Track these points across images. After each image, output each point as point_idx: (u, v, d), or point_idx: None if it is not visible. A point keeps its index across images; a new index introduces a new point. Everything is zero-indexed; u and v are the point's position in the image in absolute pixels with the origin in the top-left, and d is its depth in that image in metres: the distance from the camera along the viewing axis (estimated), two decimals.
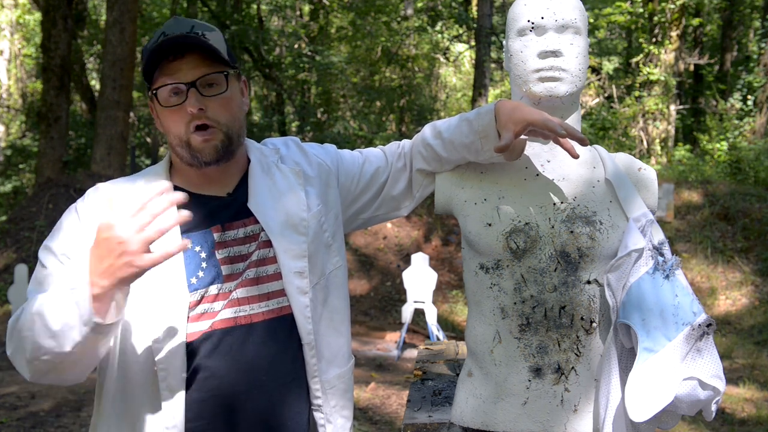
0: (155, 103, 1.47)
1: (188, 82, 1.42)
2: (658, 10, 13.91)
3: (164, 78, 1.43)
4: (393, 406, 5.27)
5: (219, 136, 1.45)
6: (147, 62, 1.42)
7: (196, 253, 1.45)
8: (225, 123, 1.46)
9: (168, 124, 1.46)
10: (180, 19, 1.46)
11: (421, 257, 7.64)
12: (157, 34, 1.44)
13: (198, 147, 1.44)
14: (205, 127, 1.44)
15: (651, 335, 1.37)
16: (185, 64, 1.43)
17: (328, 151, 1.70)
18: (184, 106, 1.42)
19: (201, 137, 1.44)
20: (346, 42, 17.43)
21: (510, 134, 1.41)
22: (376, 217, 1.73)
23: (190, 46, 1.43)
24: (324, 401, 1.54)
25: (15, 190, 16.07)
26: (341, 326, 1.60)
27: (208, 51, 1.44)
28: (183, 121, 1.44)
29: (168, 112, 1.45)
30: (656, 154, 13.86)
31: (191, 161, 1.46)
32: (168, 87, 1.43)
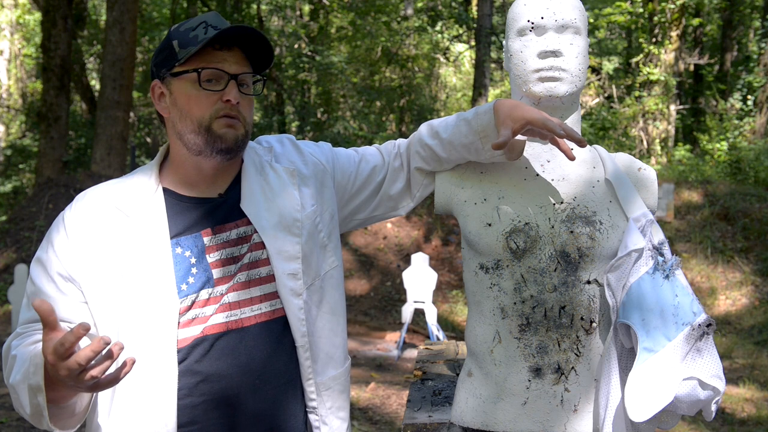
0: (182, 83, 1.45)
1: (233, 74, 1.45)
2: (658, 10, 13.91)
3: (209, 62, 1.44)
4: (393, 406, 5.27)
5: (242, 129, 1.47)
6: (202, 43, 1.41)
7: (185, 258, 1.44)
8: (248, 121, 1.49)
9: (191, 106, 1.45)
10: (220, 17, 1.49)
11: (421, 257, 7.64)
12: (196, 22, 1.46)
13: (220, 132, 1.44)
14: (234, 118, 1.46)
15: (651, 335, 1.37)
16: (231, 56, 1.46)
17: (324, 149, 1.68)
18: (222, 93, 1.44)
19: (225, 123, 1.44)
20: (346, 42, 17.43)
21: (508, 131, 1.41)
22: (374, 217, 1.72)
23: (244, 42, 1.47)
24: (319, 403, 1.53)
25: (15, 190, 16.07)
26: (337, 327, 1.59)
27: (258, 49, 1.49)
28: (211, 106, 1.44)
29: (199, 95, 1.44)
30: (656, 154, 13.86)
31: (204, 147, 1.45)
32: (211, 70, 1.43)
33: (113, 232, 1.43)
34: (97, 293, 1.41)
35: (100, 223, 1.44)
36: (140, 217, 1.44)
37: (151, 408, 1.39)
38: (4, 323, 7.96)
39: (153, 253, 1.41)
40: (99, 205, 1.46)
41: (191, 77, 1.44)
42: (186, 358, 1.41)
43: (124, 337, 1.39)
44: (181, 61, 1.43)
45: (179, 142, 1.48)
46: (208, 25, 1.44)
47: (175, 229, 1.45)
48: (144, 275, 1.40)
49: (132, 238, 1.42)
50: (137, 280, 1.40)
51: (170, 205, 1.47)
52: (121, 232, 1.43)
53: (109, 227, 1.43)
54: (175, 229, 1.45)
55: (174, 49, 1.45)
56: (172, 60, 1.45)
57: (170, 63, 1.46)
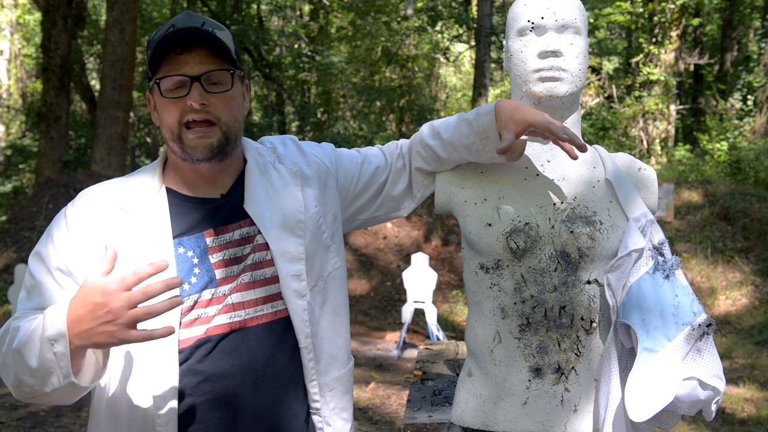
0: (155, 93, 1.44)
1: (194, 76, 1.40)
2: (658, 10, 13.90)
3: (170, 69, 1.41)
4: (393, 406, 5.27)
5: (217, 135, 1.43)
6: (154, 52, 1.40)
7: (188, 258, 1.44)
8: (225, 121, 1.44)
9: (164, 115, 1.44)
10: (192, 14, 1.45)
11: (421, 257, 7.63)
12: (166, 26, 1.42)
13: (191, 144, 1.42)
14: (206, 123, 1.42)
15: (651, 335, 1.37)
16: (193, 57, 1.41)
17: (327, 150, 1.68)
18: (186, 99, 1.40)
19: (195, 135, 1.42)
20: (346, 42, 17.42)
21: (511, 135, 1.41)
22: (376, 217, 1.71)
23: (199, 40, 1.41)
24: (322, 404, 1.53)
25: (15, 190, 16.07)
26: (340, 328, 1.59)
27: (217, 47, 1.43)
28: (179, 113, 1.42)
29: (167, 103, 1.42)
30: (656, 154, 13.86)
31: (184, 157, 1.45)
32: (172, 78, 1.41)
33: (116, 230, 1.43)
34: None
35: (103, 221, 1.43)
36: (143, 217, 1.44)
37: (151, 407, 1.38)
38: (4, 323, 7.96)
39: (155, 253, 1.41)
40: (102, 203, 1.46)
41: (157, 87, 1.43)
42: (189, 358, 1.41)
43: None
44: (152, 70, 1.43)
45: (168, 148, 1.49)
46: (174, 27, 1.41)
47: (177, 229, 1.45)
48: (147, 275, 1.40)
49: (134, 237, 1.42)
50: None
51: (173, 205, 1.47)
52: (123, 231, 1.43)
53: (112, 225, 1.43)
54: (178, 229, 1.45)
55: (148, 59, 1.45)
56: (149, 70, 1.45)
57: (149, 74, 1.46)
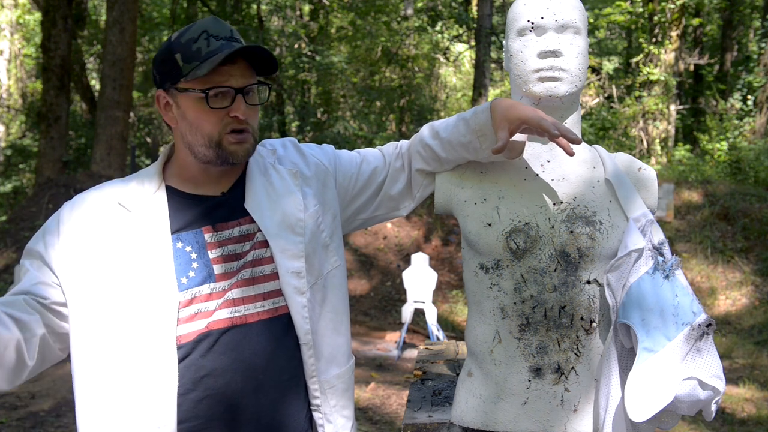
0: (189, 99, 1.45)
1: (239, 88, 1.45)
2: (658, 10, 13.91)
3: (215, 79, 1.43)
4: (393, 406, 5.27)
5: (251, 141, 1.49)
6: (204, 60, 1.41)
7: (186, 252, 1.45)
8: (256, 129, 1.51)
9: (201, 122, 1.45)
10: (219, 21, 1.48)
11: (421, 257, 7.63)
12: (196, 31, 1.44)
13: (231, 149, 1.46)
14: (244, 131, 1.47)
15: (651, 335, 1.37)
16: (237, 69, 1.45)
17: (326, 151, 1.70)
18: (228, 109, 1.44)
19: (235, 140, 1.46)
20: (346, 42, 17.43)
21: (505, 133, 1.42)
22: (375, 217, 1.73)
23: (249, 54, 1.46)
24: (323, 401, 1.54)
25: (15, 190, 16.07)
26: (340, 326, 1.60)
27: (261, 62, 1.49)
28: (219, 122, 1.45)
29: (207, 112, 1.44)
30: (656, 154, 13.86)
31: (215, 160, 1.47)
32: (219, 89, 1.43)
33: (114, 227, 1.44)
34: (89, 289, 1.41)
35: (100, 219, 1.45)
36: (142, 213, 1.45)
37: (149, 401, 1.38)
38: None
39: (153, 247, 1.42)
40: (100, 202, 1.47)
41: (198, 96, 1.44)
42: (190, 353, 1.42)
43: (123, 328, 1.39)
44: (188, 78, 1.43)
45: (187, 150, 1.49)
46: (210, 35, 1.43)
47: (176, 224, 1.47)
48: (144, 268, 1.41)
49: (133, 233, 1.43)
50: (137, 273, 1.41)
51: (172, 201, 1.49)
52: (122, 227, 1.44)
53: (110, 222, 1.44)
54: (176, 225, 1.47)
55: (177, 63, 1.44)
56: (177, 75, 1.45)
57: (175, 77, 1.45)
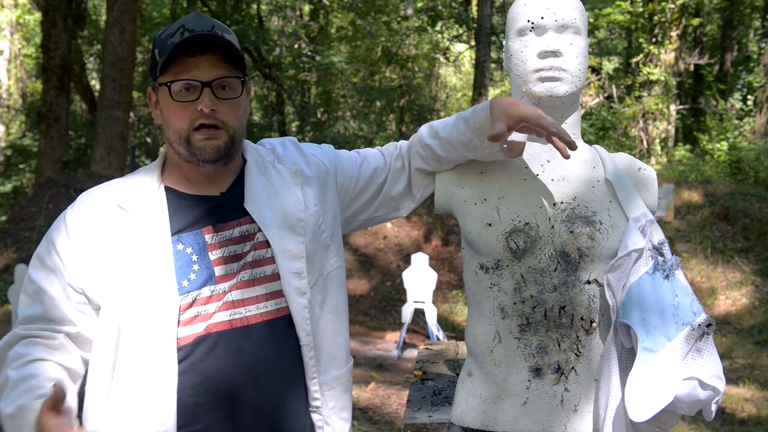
0: (163, 94, 1.45)
1: (205, 81, 1.42)
2: (658, 10, 13.90)
3: (180, 72, 1.42)
4: (393, 406, 5.27)
5: (224, 138, 1.45)
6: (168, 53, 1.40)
7: (186, 254, 1.44)
8: (232, 126, 1.46)
9: (171, 118, 1.45)
10: (201, 16, 1.46)
11: (421, 257, 7.63)
12: (175, 26, 1.43)
13: (199, 145, 1.43)
14: (213, 127, 1.44)
15: (651, 335, 1.37)
16: (204, 62, 1.42)
17: (326, 151, 1.69)
18: (196, 103, 1.42)
19: (203, 136, 1.43)
20: (346, 42, 17.42)
21: (503, 125, 1.42)
22: (376, 218, 1.72)
23: (213, 45, 1.43)
24: (322, 403, 1.53)
25: (15, 190, 16.07)
26: (340, 327, 1.59)
27: (228, 52, 1.44)
28: (188, 117, 1.43)
29: (175, 107, 1.43)
30: (656, 154, 13.85)
31: (189, 158, 1.46)
32: (182, 82, 1.41)
33: (115, 229, 1.43)
34: (101, 292, 1.42)
35: (102, 222, 1.44)
36: (142, 215, 1.45)
37: (150, 404, 1.38)
38: (4, 323, 7.96)
39: (154, 250, 1.41)
40: (101, 204, 1.46)
41: (166, 90, 1.43)
42: (189, 355, 1.41)
43: (123, 332, 1.39)
44: (160, 70, 1.43)
45: (171, 148, 1.49)
46: (186, 29, 1.41)
47: (176, 225, 1.46)
48: (145, 271, 1.40)
49: (133, 235, 1.43)
50: (138, 276, 1.40)
51: (172, 202, 1.48)
52: (122, 230, 1.43)
53: (111, 225, 1.44)
54: (177, 226, 1.46)
55: (155, 58, 1.45)
56: (155, 69, 1.45)
57: (154, 72, 1.46)
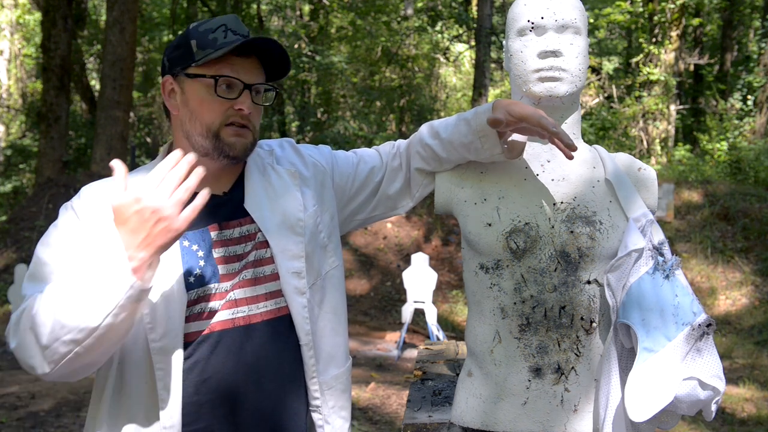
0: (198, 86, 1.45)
1: (249, 84, 1.46)
2: (658, 10, 13.91)
3: (226, 69, 1.44)
4: (393, 406, 5.27)
5: (250, 138, 1.49)
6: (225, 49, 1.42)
7: (193, 251, 1.44)
8: (257, 129, 1.51)
9: (204, 111, 1.45)
10: (240, 21, 1.50)
11: (421, 257, 7.64)
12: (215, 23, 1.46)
13: (230, 140, 1.46)
14: (243, 127, 1.47)
15: (651, 335, 1.37)
16: (251, 64, 1.47)
17: (323, 152, 1.70)
18: (233, 102, 1.45)
19: (234, 132, 1.46)
20: (346, 42, 17.43)
21: (502, 116, 1.42)
22: (374, 216, 1.73)
23: (261, 52, 1.48)
24: (322, 402, 1.54)
25: (15, 190, 16.08)
26: (339, 326, 1.60)
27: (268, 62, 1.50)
28: (222, 113, 1.45)
29: (212, 101, 1.45)
30: (656, 154, 13.86)
31: (211, 151, 1.46)
32: (227, 78, 1.44)
33: None
34: None
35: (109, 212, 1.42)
36: None
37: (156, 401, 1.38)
38: (4, 323, 7.97)
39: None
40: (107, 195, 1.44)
41: (207, 82, 1.44)
42: (193, 353, 1.41)
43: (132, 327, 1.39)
44: (199, 62, 1.43)
45: (186, 140, 1.49)
46: (228, 29, 1.45)
47: None
48: None
49: None
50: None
51: None
52: None
53: None
54: None
55: (191, 49, 1.45)
56: (189, 60, 1.45)
57: (186, 62, 1.46)
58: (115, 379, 1.41)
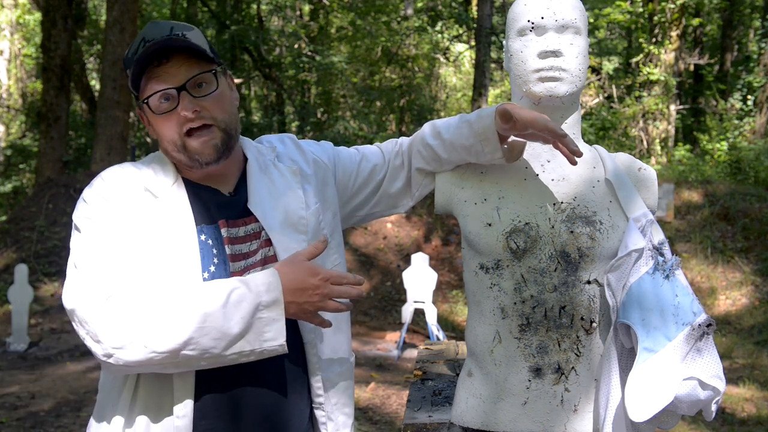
0: (146, 111, 1.45)
1: (178, 86, 1.41)
2: (658, 10, 13.91)
3: (152, 84, 1.42)
4: (393, 406, 5.27)
5: (218, 135, 1.45)
6: (133, 71, 1.41)
7: (209, 246, 1.45)
8: (222, 120, 1.46)
9: (162, 130, 1.45)
10: (158, 23, 1.45)
11: (421, 257, 7.64)
12: (137, 41, 1.43)
13: (196, 149, 1.43)
14: (204, 127, 1.43)
15: (651, 335, 1.37)
16: (171, 67, 1.42)
17: (325, 148, 1.69)
18: (177, 110, 1.41)
19: (198, 139, 1.43)
20: (346, 42, 17.43)
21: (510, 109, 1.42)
22: (373, 214, 1.73)
23: (174, 49, 1.42)
24: (325, 399, 1.54)
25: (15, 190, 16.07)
26: (341, 324, 1.60)
27: (193, 51, 1.43)
28: (177, 125, 1.43)
29: (161, 119, 1.43)
30: (656, 154, 13.86)
31: (190, 164, 1.46)
32: (158, 94, 1.41)
33: (142, 210, 1.42)
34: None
35: (129, 199, 1.42)
36: (167, 201, 1.44)
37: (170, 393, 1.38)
38: (4, 323, 7.96)
39: (180, 237, 1.41)
40: (127, 182, 1.45)
41: (149, 105, 1.44)
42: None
43: None
44: (136, 89, 1.44)
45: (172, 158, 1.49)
46: (146, 41, 1.40)
47: (197, 217, 1.46)
48: (171, 257, 1.39)
49: (160, 220, 1.42)
50: (164, 261, 1.38)
51: (191, 193, 1.48)
52: (150, 212, 1.42)
53: (138, 205, 1.42)
54: (198, 218, 1.46)
55: (128, 76, 1.45)
56: (134, 89, 1.46)
57: (135, 92, 1.47)
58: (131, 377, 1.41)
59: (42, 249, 9.29)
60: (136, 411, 1.40)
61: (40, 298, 8.27)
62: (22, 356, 6.91)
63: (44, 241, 9.38)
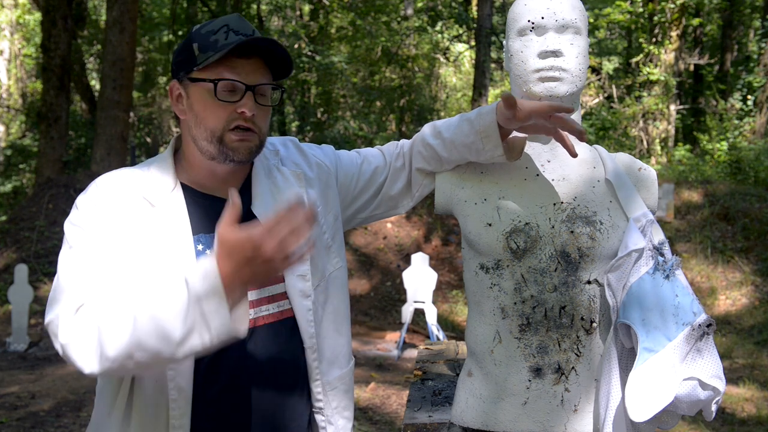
0: (200, 90, 1.43)
1: (250, 85, 1.43)
2: (658, 10, 13.91)
3: (227, 72, 1.41)
4: (393, 406, 5.27)
5: (256, 141, 1.46)
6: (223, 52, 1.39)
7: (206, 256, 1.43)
8: (263, 132, 1.48)
9: (207, 115, 1.43)
10: (244, 20, 1.47)
11: (421, 257, 7.64)
12: (217, 24, 1.43)
13: (233, 145, 1.43)
14: (249, 130, 1.44)
15: (651, 335, 1.37)
16: (251, 65, 1.43)
17: (327, 152, 1.70)
18: (236, 105, 1.42)
19: (238, 137, 1.43)
20: (346, 42, 17.43)
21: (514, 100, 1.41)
22: (374, 216, 1.73)
23: (260, 51, 1.44)
24: (325, 403, 1.54)
25: (15, 190, 16.08)
26: (342, 327, 1.60)
27: (277, 61, 1.47)
28: (226, 117, 1.43)
29: (215, 105, 1.43)
30: (656, 154, 13.87)
31: (217, 156, 1.44)
32: (228, 82, 1.41)
33: (138, 219, 1.41)
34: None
35: (123, 208, 1.41)
36: (164, 210, 1.43)
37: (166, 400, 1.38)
38: (4, 323, 7.96)
39: (177, 247, 1.40)
40: (123, 190, 1.44)
41: (208, 86, 1.42)
42: (201, 356, 1.41)
43: None
44: (200, 66, 1.42)
45: (193, 144, 1.48)
46: (230, 29, 1.42)
47: (195, 225, 1.45)
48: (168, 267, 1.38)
49: (156, 229, 1.41)
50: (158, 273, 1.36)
51: (189, 201, 1.47)
52: (145, 221, 1.41)
53: (134, 213, 1.41)
54: (195, 226, 1.45)
55: (194, 53, 1.43)
56: (191, 64, 1.43)
57: (189, 66, 1.44)
58: (128, 379, 1.41)
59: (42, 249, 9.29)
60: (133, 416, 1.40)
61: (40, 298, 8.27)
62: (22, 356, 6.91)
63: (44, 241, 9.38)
